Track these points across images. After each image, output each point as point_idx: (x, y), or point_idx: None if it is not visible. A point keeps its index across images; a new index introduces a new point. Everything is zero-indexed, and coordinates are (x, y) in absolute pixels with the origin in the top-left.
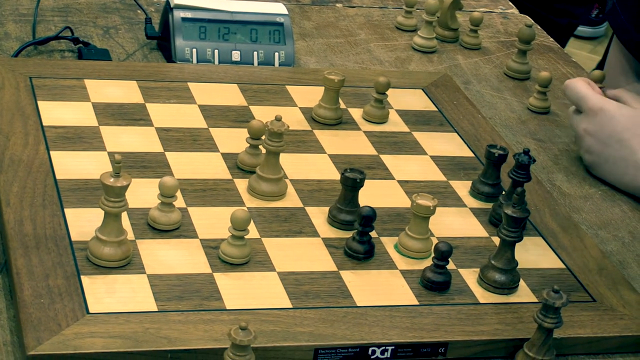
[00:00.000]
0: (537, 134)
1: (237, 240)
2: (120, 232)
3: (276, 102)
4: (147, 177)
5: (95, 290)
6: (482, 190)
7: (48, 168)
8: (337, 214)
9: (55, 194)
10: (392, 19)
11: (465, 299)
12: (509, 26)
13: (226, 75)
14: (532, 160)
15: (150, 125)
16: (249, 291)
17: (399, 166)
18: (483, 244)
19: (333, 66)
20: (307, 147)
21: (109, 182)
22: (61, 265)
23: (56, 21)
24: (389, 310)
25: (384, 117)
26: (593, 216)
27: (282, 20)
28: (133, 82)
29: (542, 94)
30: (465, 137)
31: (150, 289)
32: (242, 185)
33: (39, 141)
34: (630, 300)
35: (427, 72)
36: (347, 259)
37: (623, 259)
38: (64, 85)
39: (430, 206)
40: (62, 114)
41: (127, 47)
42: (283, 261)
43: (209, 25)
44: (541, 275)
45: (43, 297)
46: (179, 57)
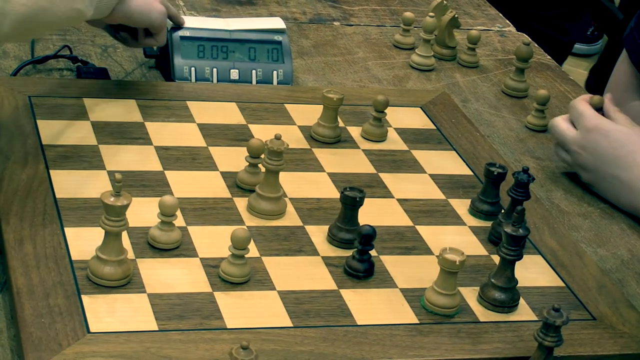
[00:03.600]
0: (535, 152)
1: (237, 259)
2: (121, 252)
3: (275, 121)
4: (147, 196)
5: (95, 310)
6: (481, 209)
7: (47, 187)
8: (337, 232)
9: (55, 213)
10: (389, 37)
11: (465, 317)
12: (507, 44)
13: (225, 94)
14: (531, 179)
15: (149, 144)
16: (249, 310)
17: (398, 184)
18: (483, 263)
19: (331, 84)
20: (306, 166)
21: (109, 202)
22: (61, 284)
23: (55, 40)
24: (389, 329)
25: (383, 136)
26: (592, 234)
27: (280, 38)
28: (132, 101)
29: (540, 112)
30: (464, 156)
31: (150, 308)
32: (242, 204)
33: (39, 160)
34: (630, 318)
35: (425, 90)
36: (347, 277)
37: (622, 277)
38: (62, 104)
39: (457, 261)
40: (61, 133)
41: (126, 65)
42: (283, 280)
43: (207, 44)
44: (541, 294)
45: (44, 316)
46: (178, 75)
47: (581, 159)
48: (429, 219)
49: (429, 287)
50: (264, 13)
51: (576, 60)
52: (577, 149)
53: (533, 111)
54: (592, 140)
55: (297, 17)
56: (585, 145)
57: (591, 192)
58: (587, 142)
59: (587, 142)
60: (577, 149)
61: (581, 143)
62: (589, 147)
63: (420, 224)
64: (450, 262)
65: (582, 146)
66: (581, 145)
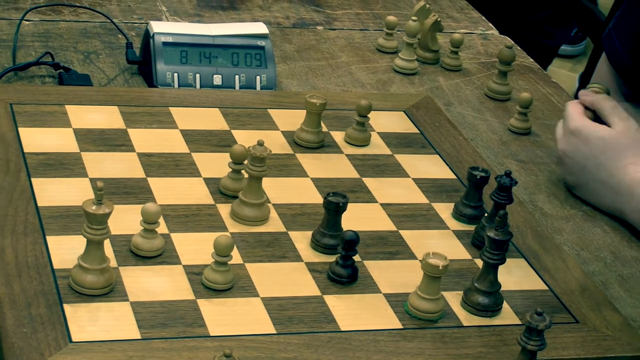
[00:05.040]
0: (518, 155)
1: (220, 266)
2: (103, 260)
3: (258, 126)
4: (130, 203)
5: (78, 319)
6: (464, 213)
7: (29, 195)
8: (320, 238)
9: (37, 221)
10: (373, 41)
11: (448, 322)
12: (489, 47)
13: (208, 100)
14: (513, 182)
15: (132, 151)
16: (232, 317)
17: (381, 189)
18: (466, 267)
19: (315, 89)
20: (289, 171)
21: (91, 210)
22: (43, 293)
23: (36, 46)
24: (373, 334)
25: (366, 140)
26: (575, 237)
27: (263, 43)
28: (114, 108)
29: (523, 115)
30: (447, 159)
31: (133, 316)
32: (225, 210)
33: (20, 168)
34: (614, 321)
35: (409, 94)
36: (331, 283)
37: (605, 280)
38: (44, 112)
39: (440, 266)
40: (43, 141)
41: (108, 72)
42: (266, 286)
43: (190, 49)
44: (524, 297)
45: (25, 326)
46: (161, 81)
47: (565, 161)
48: (413, 223)
49: (412, 292)
50: (247, 18)
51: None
52: (561, 153)
53: (516, 114)
54: (573, 144)
55: (280, 22)
56: (566, 150)
57: (574, 195)
58: (569, 147)
59: (569, 147)
60: (561, 153)
61: (563, 147)
62: (570, 151)
63: (403, 229)
64: (433, 267)
65: (564, 149)
66: (563, 149)
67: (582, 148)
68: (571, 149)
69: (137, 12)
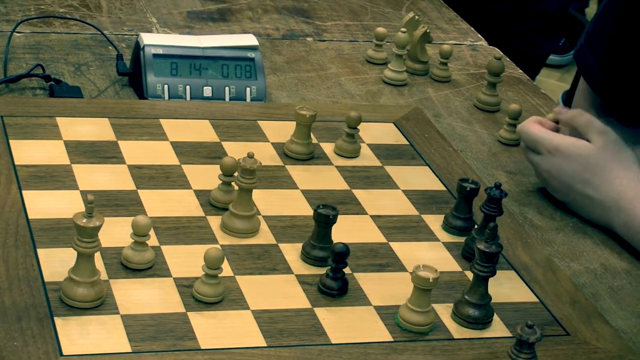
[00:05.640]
0: (507, 167)
1: (210, 278)
2: (94, 273)
3: (248, 138)
4: (120, 215)
5: (68, 332)
6: (454, 224)
7: (20, 208)
8: (311, 250)
9: (27, 234)
10: (362, 52)
11: (439, 334)
12: (479, 58)
13: (198, 111)
14: (503, 194)
15: (122, 163)
16: (223, 330)
17: (371, 201)
18: (456, 279)
19: (304, 100)
20: (279, 183)
21: (81, 223)
22: (34, 306)
23: (27, 58)
24: (364, 347)
25: (356, 152)
26: (565, 248)
27: (253, 55)
28: (105, 120)
29: (512, 126)
30: (437, 171)
31: (124, 329)
32: (215, 223)
33: (11, 180)
34: (604, 333)
35: (398, 106)
36: (321, 295)
37: (596, 292)
38: (35, 124)
39: (430, 278)
40: (34, 153)
41: (99, 83)
42: (257, 299)
43: (180, 61)
44: (515, 309)
45: (16, 339)
46: (151, 93)
47: (549, 181)
48: (403, 235)
49: (403, 304)
50: (237, 30)
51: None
52: (544, 174)
53: (505, 125)
54: (556, 164)
55: (270, 34)
56: (550, 170)
57: (563, 207)
58: (552, 167)
59: (552, 167)
60: (544, 174)
61: (546, 167)
62: (554, 171)
63: (393, 240)
64: (423, 280)
65: (547, 170)
66: (547, 169)
67: (565, 166)
68: (555, 169)
69: (127, 23)
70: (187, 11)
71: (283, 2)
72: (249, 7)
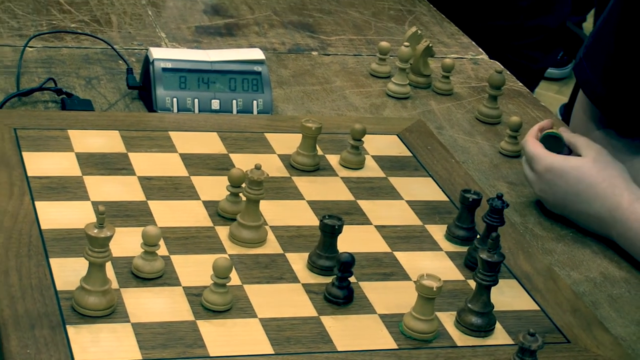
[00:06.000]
0: (509, 177)
1: (219, 287)
2: (105, 282)
3: (255, 150)
4: (131, 226)
5: (80, 340)
6: (457, 234)
7: (33, 218)
8: (317, 259)
9: (40, 244)
10: (366, 66)
11: (442, 342)
12: (480, 72)
13: (206, 124)
14: (505, 205)
15: (132, 175)
16: (231, 338)
17: (376, 211)
18: (459, 287)
19: (310, 113)
20: (286, 194)
21: (93, 233)
22: (47, 315)
23: (40, 72)
24: (369, 354)
25: (361, 163)
26: (565, 258)
27: (259, 69)
28: (115, 132)
29: (513, 138)
30: (440, 182)
31: (134, 337)
32: (224, 233)
33: (24, 192)
34: (604, 340)
35: (401, 118)
36: (327, 304)
37: (595, 300)
38: (47, 136)
39: (434, 287)
40: (46, 165)
41: (109, 97)
42: (264, 307)
43: (188, 75)
44: (517, 318)
45: (29, 347)
46: (160, 106)
47: (545, 198)
48: (407, 244)
49: (407, 312)
50: (243, 44)
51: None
52: (539, 192)
53: (506, 137)
54: (550, 181)
55: (276, 48)
56: (544, 188)
57: (563, 217)
58: (546, 185)
59: (546, 185)
60: (539, 192)
61: (540, 186)
62: (548, 189)
63: (397, 250)
64: (427, 289)
65: (542, 189)
66: (541, 188)
67: (559, 182)
68: (548, 187)
69: (137, 38)
70: (195, 26)
71: (289, 17)
72: (256, 22)
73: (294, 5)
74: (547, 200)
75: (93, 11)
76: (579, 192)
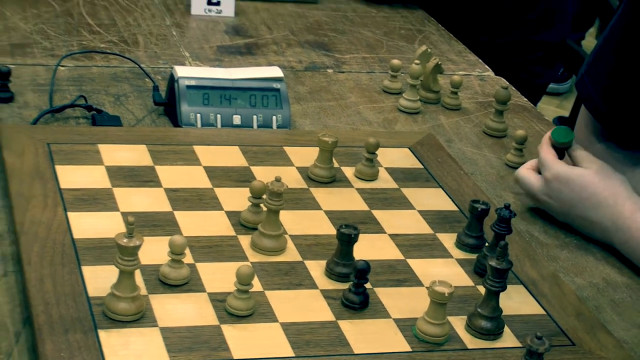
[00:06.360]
0: (515, 188)
1: (242, 293)
2: (134, 288)
3: (275, 163)
4: (158, 235)
5: (111, 344)
6: (466, 242)
7: (66, 228)
8: (334, 267)
9: (72, 252)
10: (379, 82)
11: (454, 345)
12: (486, 88)
13: (228, 138)
14: (512, 214)
15: (159, 187)
16: (254, 341)
17: (389, 221)
18: (469, 293)
19: (326, 127)
20: (304, 204)
21: (122, 243)
22: (79, 320)
23: (71, 90)
24: (385, 357)
25: (375, 175)
26: (569, 264)
27: (278, 86)
28: (143, 146)
29: (518, 151)
30: (450, 192)
31: (162, 341)
32: (246, 241)
33: (57, 203)
34: (607, 343)
35: (413, 132)
36: (344, 309)
37: (598, 304)
38: (79, 150)
39: (445, 293)
40: (78, 177)
41: (137, 113)
42: (285, 312)
43: (211, 92)
44: (524, 322)
45: (63, 351)
46: (185, 121)
47: (550, 205)
48: (419, 252)
49: (420, 317)
50: (263, 62)
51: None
52: (545, 198)
53: (512, 150)
54: (555, 188)
55: (293, 66)
56: (550, 194)
57: (567, 225)
58: (551, 191)
59: (551, 191)
60: (545, 198)
61: (546, 192)
62: (554, 195)
63: (410, 257)
64: (439, 294)
65: (547, 194)
66: (547, 194)
67: (564, 189)
68: (555, 193)
69: (162, 57)
70: (217, 46)
71: (305, 37)
72: (274, 42)
73: (310, 26)
74: (552, 206)
75: (121, 32)
76: (583, 199)
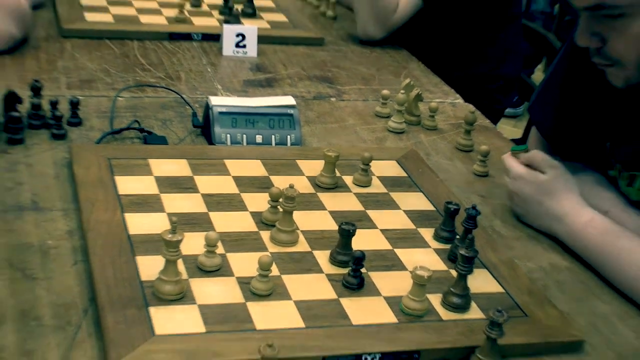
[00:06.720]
0: (480, 192)
1: (263, 277)
2: (177, 274)
3: (289, 173)
4: (196, 231)
5: (159, 318)
6: (442, 235)
7: (123, 226)
8: (336, 256)
9: (128, 246)
10: (371, 108)
11: (432, 317)
12: (457, 112)
13: (252, 154)
14: (478, 213)
15: (197, 192)
16: (272, 316)
17: (380, 219)
18: (444, 276)
19: (330, 144)
20: (312, 206)
21: (167, 238)
22: (134, 299)
23: (127, 116)
24: (377, 327)
25: (369, 182)
26: (522, 252)
27: (292, 111)
28: (184, 160)
29: (483, 162)
30: (429, 196)
31: (200, 315)
32: (266, 236)
33: (116, 206)
34: (553, 315)
35: (399, 148)
36: (345, 289)
37: (546, 284)
38: (133, 164)
39: (425, 276)
40: (132, 185)
41: (179, 134)
42: (297, 292)
43: (238, 116)
44: (487, 298)
45: (121, 323)
46: (217, 140)
47: (514, 199)
48: (404, 243)
49: (405, 295)
50: (279, 92)
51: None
52: (511, 194)
53: (478, 161)
54: (519, 186)
55: (304, 95)
56: (515, 189)
57: (521, 221)
58: (515, 188)
59: (515, 188)
60: (511, 194)
61: (512, 187)
62: (517, 191)
63: (397, 248)
64: (420, 277)
65: (513, 189)
66: (512, 189)
67: (525, 189)
68: (517, 190)
69: (199, 89)
70: (243, 80)
71: (313, 72)
72: (288, 76)
73: (317, 63)
74: (514, 200)
75: (167, 70)
76: (540, 200)
